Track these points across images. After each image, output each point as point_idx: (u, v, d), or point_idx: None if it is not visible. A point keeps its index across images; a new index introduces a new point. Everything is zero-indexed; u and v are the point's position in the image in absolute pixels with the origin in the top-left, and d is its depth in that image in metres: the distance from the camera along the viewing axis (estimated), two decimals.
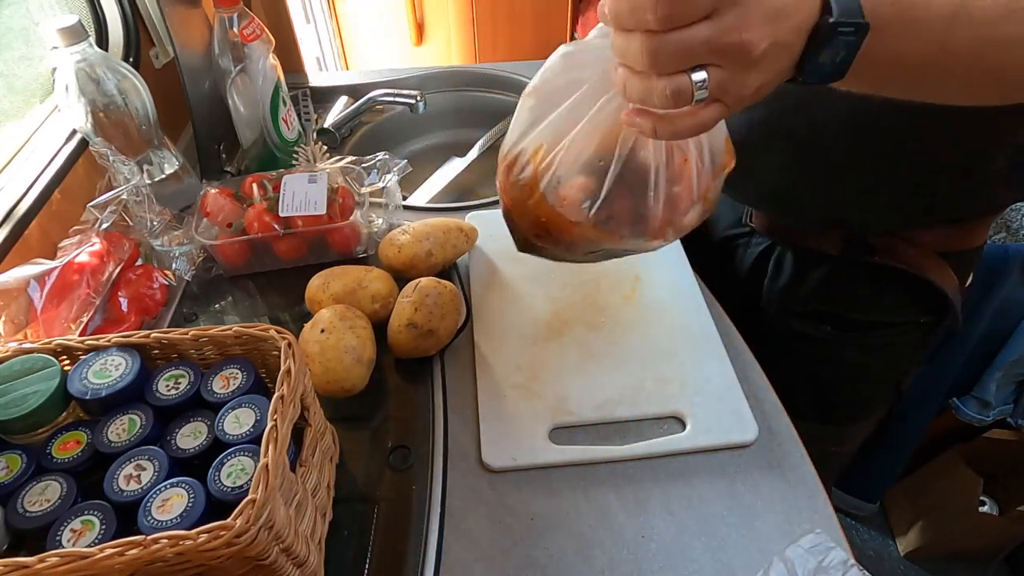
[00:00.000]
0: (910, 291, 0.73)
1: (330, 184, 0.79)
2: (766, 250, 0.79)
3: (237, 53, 0.86)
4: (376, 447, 0.62)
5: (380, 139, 1.16)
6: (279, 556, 0.41)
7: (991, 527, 1.33)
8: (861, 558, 0.92)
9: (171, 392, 0.49)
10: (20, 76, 0.81)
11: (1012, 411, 1.20)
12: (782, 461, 0.59)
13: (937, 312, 0.76)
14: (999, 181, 0.65)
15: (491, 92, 1.22)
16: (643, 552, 0.53)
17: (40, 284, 0.65)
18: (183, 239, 0.78)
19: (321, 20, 1.94)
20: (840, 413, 0.68)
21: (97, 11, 0.88)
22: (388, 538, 0.55)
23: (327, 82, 1.20)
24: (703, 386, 0.64)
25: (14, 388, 0.47)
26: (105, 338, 0.51)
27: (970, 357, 1.17)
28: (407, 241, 0.74)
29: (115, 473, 0.44)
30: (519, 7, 1.93)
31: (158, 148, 0.84)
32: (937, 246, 0.71)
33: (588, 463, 0.59)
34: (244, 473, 0.44)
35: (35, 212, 0.72)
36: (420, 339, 0.66)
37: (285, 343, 0.47)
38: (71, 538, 0.41)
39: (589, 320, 0.71)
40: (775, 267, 0.79)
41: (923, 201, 0.67)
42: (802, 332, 0.74)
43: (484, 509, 0.57)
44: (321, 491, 0.52)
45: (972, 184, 0.65)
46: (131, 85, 0.78)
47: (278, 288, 0.80)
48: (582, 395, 0.64)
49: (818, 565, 0.51)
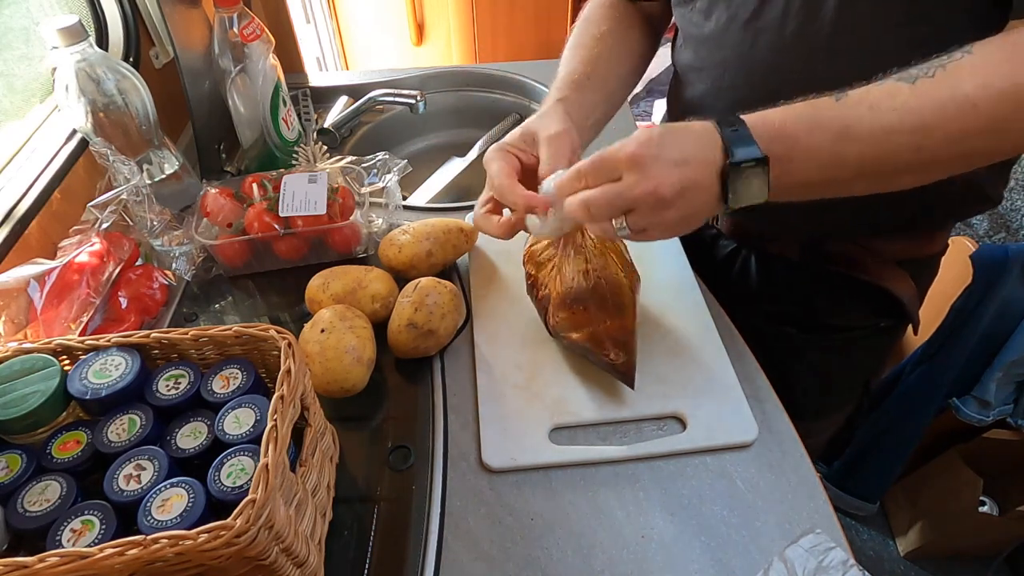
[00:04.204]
0: (868, 298, 0.75)
1: (330, 184, 0.79)
2: (733, 251, 0.81)
3: (237, 53, 0.86)
4: (376, 447, 0.62)
5: (380, 139, 1.16)
6: (279, 556, 0.41)
7: (991, 527, 1.33)
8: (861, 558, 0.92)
9: (171, 392, 0.49)
10: (20, 76, 0.81)
11: (1012, 411, 1.20)
12: (782, 461, 0.59)
13: (897, 316, 0.77)
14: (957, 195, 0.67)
15: (491, 92, 1.22)
16: (643, 552, 0.53)
17: (40, 284, 0.65)
18: (183, 239, 0.78)
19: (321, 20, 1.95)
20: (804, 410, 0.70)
21: (97, 11, 0.88)
22: (388, 538, 0.55)
23: (327, 82, 1.20)
24: (703, 386, 0.64)
25: (14, 388, 0.47)
26: (105, 338, 0.51)
27: (970, 357, 1.17)
28: (407, 241, 0.74)
29: (115, 473, 0.44)
30: (519, 7, 1.93)
31: (158, 148, 0.84)
32: (896, 254, 0.73)
33: (588, 463, 0.59)
34: (244, 473, 0.44)
35: (35, 212, 0.72)
36: (420, 339, 0.66)
37: (285, 343, 0.47)
38: (71, 538, 0.41)
39: None
40: (741, 268, 0.81)
41: (881, 212, 0.68)
42: (767, 331, 0.76)
43: (484, 509, 0.57)
44: (321, 491, 0.52)
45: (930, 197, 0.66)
46: (131, 85, 0.78)
47: (278, 288, 0.80)
48: (582, 395, 0.64)
49: (818, 565, 0.51)
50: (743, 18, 0.62)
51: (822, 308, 0.78)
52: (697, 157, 0.48)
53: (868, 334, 0.80)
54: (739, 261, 0.81)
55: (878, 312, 0.77)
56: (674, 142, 0.48)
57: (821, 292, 0.77)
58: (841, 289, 0.75)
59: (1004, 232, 1.28)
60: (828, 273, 0.74)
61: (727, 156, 0.47)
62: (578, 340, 0.63)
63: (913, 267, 0.74)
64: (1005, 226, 1.28)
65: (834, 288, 0.76)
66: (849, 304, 0.77)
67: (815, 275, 0.76)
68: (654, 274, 0.75)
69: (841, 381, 0.88)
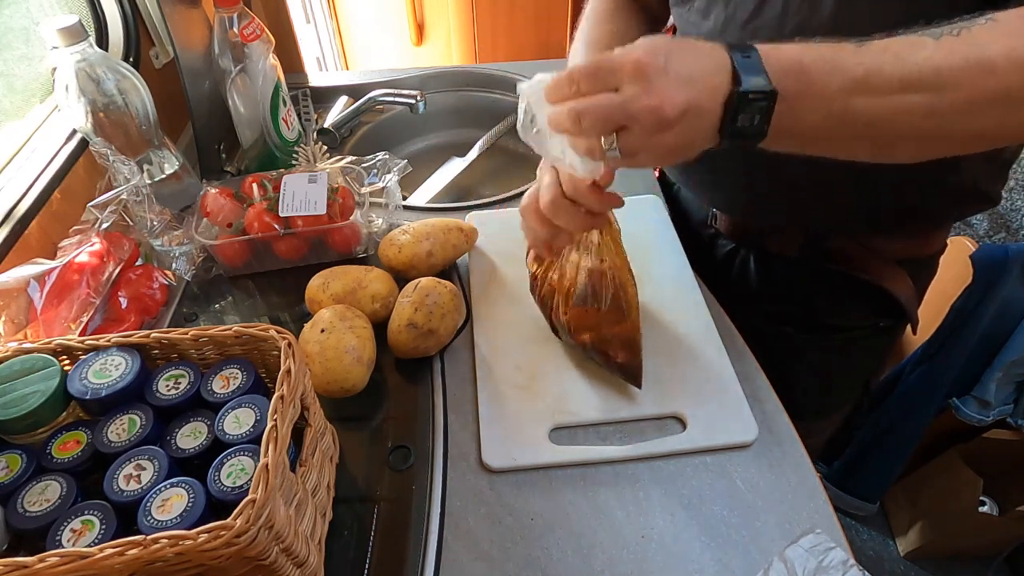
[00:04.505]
0: (867, 297, 0.75)
1: (330, 184, 0.79)
2: (732, 251, 0.81)
3: (237, 53, 0.86)
4: (376, 447, 0.62)
5: (380, 139, 1.16)
6: (279, 556, 0.41)
7: (991, 527, 1.33)
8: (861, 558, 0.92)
9: (171, 392, 0.49)
10: (20, 76, 0.81)
11: (1012, 411, 1.20)
12: (782, 461, 0.59)
13: (896, 316, 0.77)
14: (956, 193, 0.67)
15: (491, 92, 1.22)
16: (643, 552, 0.53)
17: (40, 284, 0.65)
18: (183, 239, 0.78)
19: (321, 20, 1.94)
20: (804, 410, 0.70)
21: (97, 11, 0.88)
22: (388, 538, 0.55)
23: (327, 82, 1.20)
24: (703, 386, 0.64)
25: (14, 388, 0.47)
26: (105, 338, 0.51)
27: (970, 357, 1.17)
28: (407, 241, 0.74)
29: (115, 473, 0.44)
30: (519, 7, 1.93)
31: (158, 148, 0.84)
32: (895, 253, 0.73)
33: (588, 463, 0.59)
34: (244, 473, 0.44)
35: (35, 212, 0.72)
36: (420, 339, 0.66)
37: (285, 343, 0.47)
38: (71, 538, 0.41)
39: None
40: (740, 268, 0.81)
41: (881, 207, 0.68)
42: (767, 331, 0.76)
43: (484, 509, 0.57)
44: (321, 491, 0.52)
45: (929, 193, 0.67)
46: (131, 85, 0.78)
47: (278, 288, 0.80)
48: (582, 395, 0.64)
49: (818, 565, 0.51)
50: (741, 18, 0.62)
51: (821, 308, 0.78)
52: (705, 78, 0.43)
53: (867, 334, 0.80)
54: (738, 261, 0.81)
55: (877, 312, 0.77)
56: (682, 57, 0.43)
57: (820, 291, 0.77)
58: (840, 289, 0.75)
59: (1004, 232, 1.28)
60: (827, 272, 0.74)
61: (735, 83, 0.43)
62: (586, 341, 0.63)
63: (912, 267, 0.74)
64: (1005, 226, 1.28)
65: (833, 288, 0.76)
66: (848, 304, 0.77)
67: (814, 274, 0.76)
68: (654, 274, 0.76)
69: (841, 381, 0.88)
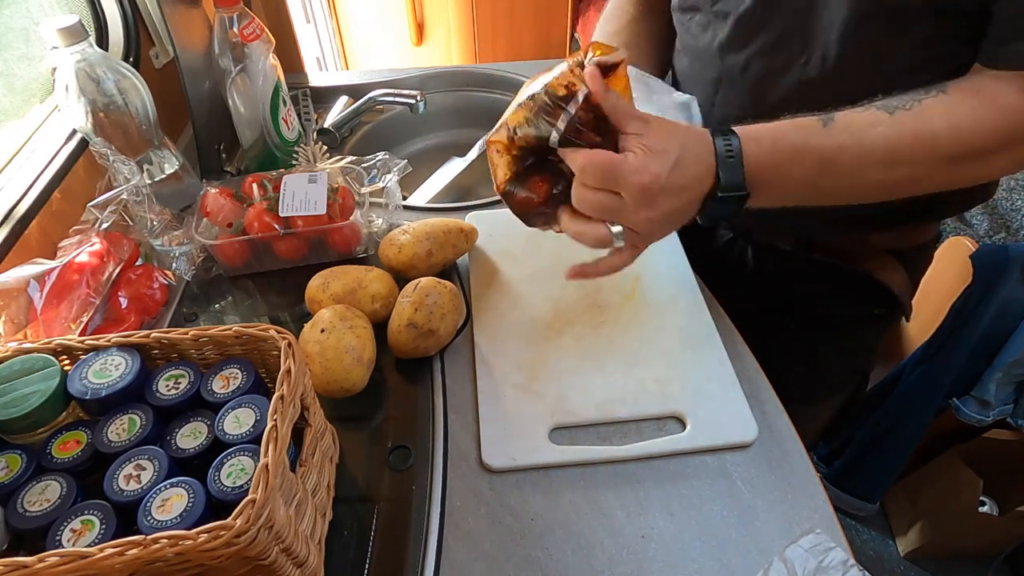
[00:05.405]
0: (860, 287, 0.76)
1: (330, 184, 0.79)
2: (730, 241, 0.83)
3: (237, 53, 0.86)
4: (376, 447, 0.62)
5: (380, 139, 1.16)
6: (279, 556, 0.41)
7: (991, 527, 1.33)
8: (861, 558, 0.92)
9: (171, 392, 0.49)
10: (20, 76, 0.81)
11: (1012, 411, 1.20)
12: (782, 461, 0.59)
13: (889, 304, 0.78)
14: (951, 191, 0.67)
15: (491, 92, 1.22)
16: (643, 552, 0.53)
17: (40, 284, 0.65)
18: (183, 239, 0.78)
19: (321, 20, 1.95)
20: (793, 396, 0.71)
21: (97, 11, 0.88)
22: (388, 538, 0.55)
23: (327, 82, 1.20)
24: (703, 386, 0.64)
25: (14, 388, 0.47)
26: (105, 338, 0.51)
27: (970, 357, 1.17)
28: (407, 241, 0.74)
29: (115, 473, 0.44)
30: (519, 7, 1.93)
31: (158, 148, 0.84)
32: (887, 244, 0.74)
33: (588, 463, 0.59)
34: (244, 473, 0.44)
35: (35, 212, 0.72)
36: (420, 339, 0.66)
37: (285, 343, 0.47)
38: (71, 538, 0.41)
39: (589, 320, 0.71)
40: (738, 258, 0.82)
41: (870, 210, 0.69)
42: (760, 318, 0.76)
43: (484, 509, 0.57)
44: (321, 491, 0.52)
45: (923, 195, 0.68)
46: (131, 85, 0.78)
47: (278, 288, 0.80)
48: (582, 395, 0.64)
49: (818, 565, 0.51)
50: (739, 42, 0.62)
51: (814, 296, 0.79)
52: (693, 184, 0.51)
53: (861, 322, 0.81)
54: (735, 250, 0.82)
55: (870, 300, 0.78)
56: (681, 171, 0.50)
57: (813, 280, 0.78)
58: (834, 278, 0.76)
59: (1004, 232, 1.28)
60: (820, 263, 0.76)
61: (716, 181, 0.51)
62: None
63: (904, 256, 0.75)
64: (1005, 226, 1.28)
65: (826, 277, 0.77)
66: (841, 292, 0.78)
67: (807, 264, 0.77)
68: (654, 273, 0.76)
69: (832, 368, 0.89)
